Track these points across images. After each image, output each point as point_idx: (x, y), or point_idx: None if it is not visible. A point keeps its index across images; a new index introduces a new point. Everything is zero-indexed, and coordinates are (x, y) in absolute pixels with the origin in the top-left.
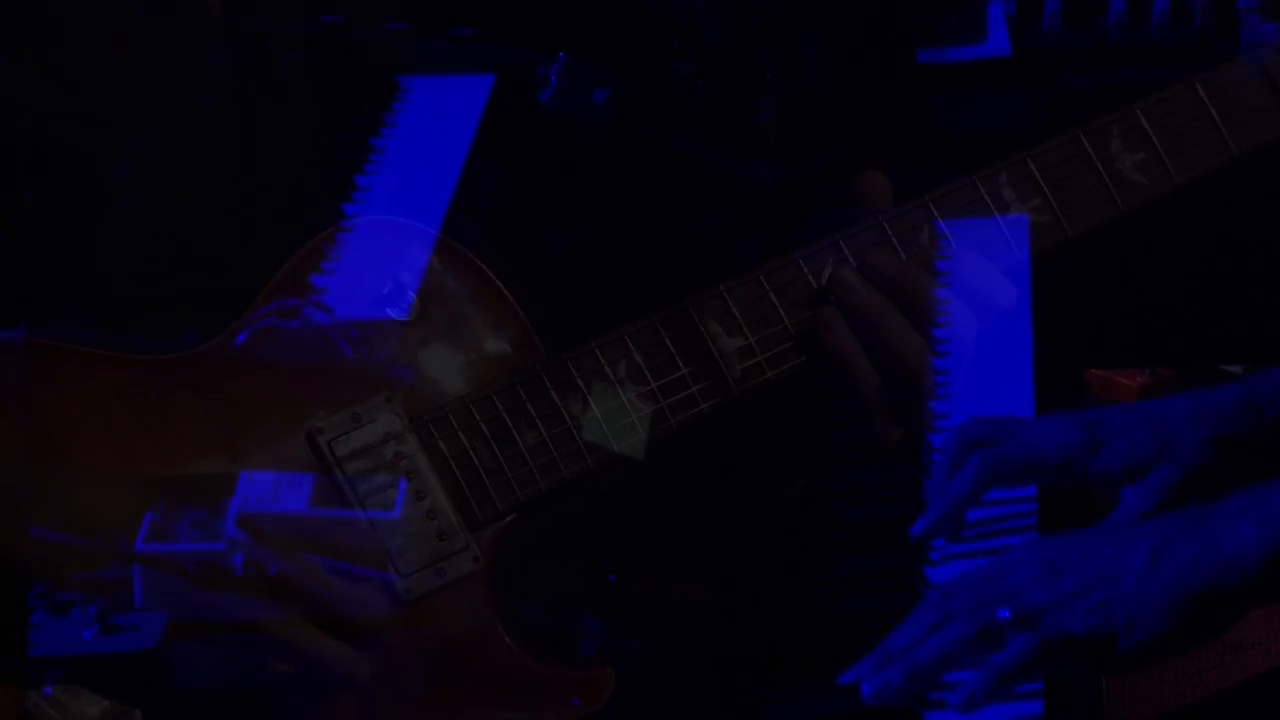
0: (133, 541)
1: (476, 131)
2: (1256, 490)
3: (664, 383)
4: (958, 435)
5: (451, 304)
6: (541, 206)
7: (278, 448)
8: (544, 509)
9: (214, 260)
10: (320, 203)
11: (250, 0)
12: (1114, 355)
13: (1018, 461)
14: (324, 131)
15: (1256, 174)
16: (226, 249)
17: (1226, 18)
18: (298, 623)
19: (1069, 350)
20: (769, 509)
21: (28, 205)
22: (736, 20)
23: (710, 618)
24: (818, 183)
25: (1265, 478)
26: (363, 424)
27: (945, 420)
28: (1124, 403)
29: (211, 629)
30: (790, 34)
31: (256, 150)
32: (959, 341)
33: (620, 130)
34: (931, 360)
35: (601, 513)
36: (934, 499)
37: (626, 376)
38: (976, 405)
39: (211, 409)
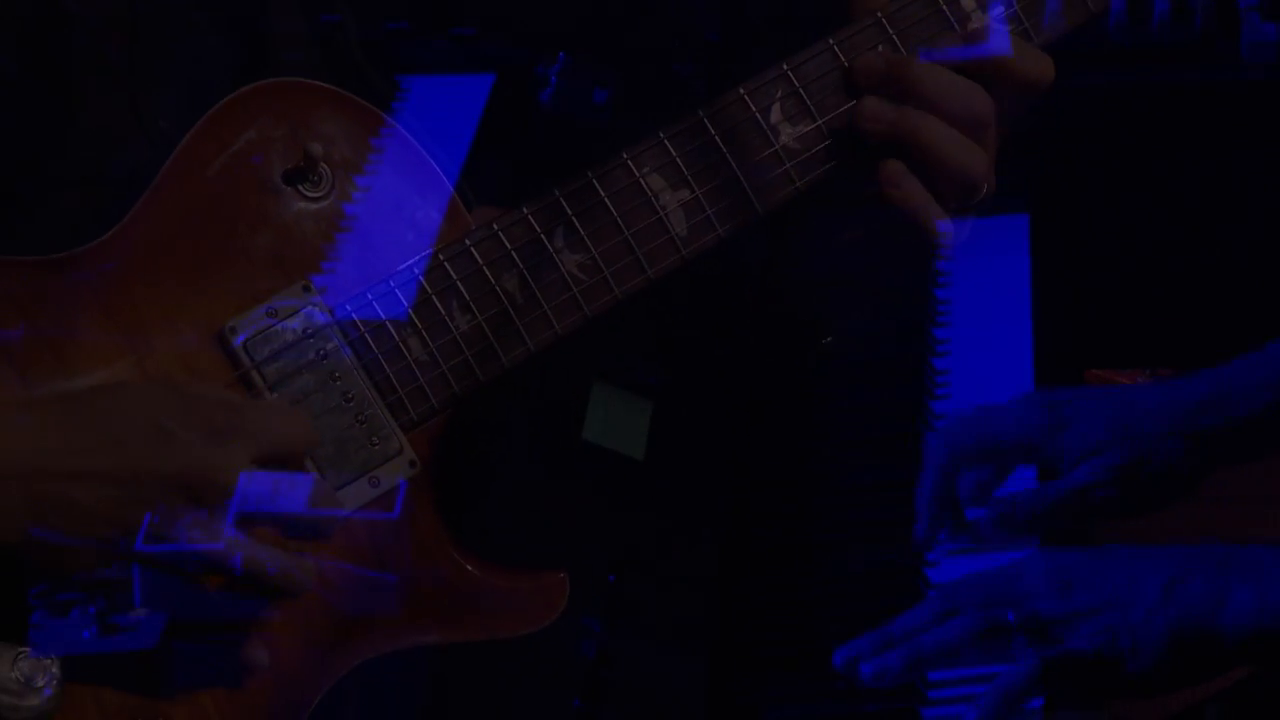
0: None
1: (476, 131)
2: (1271, 554)
3: (605, 248)
4: (933, 443)
5: (369, 175)
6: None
7: (189, 352)
8: (483, 402)
9: None
10: None
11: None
12: (1114, 355)
13: (974, 441)
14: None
15: (1257, 173)
16: None
17: (1227, 17)
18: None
19: (1069, 350)
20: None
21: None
22: (736, 20)
23: (710, 618)
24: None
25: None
26: (280, 319)
27: (946, 421)
28: (1096, 387)
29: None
30: (790, 34)
31: None
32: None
33: (620, 130)
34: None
35: (601, 514)
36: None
37: (564, 245)
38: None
39: (112, 311)
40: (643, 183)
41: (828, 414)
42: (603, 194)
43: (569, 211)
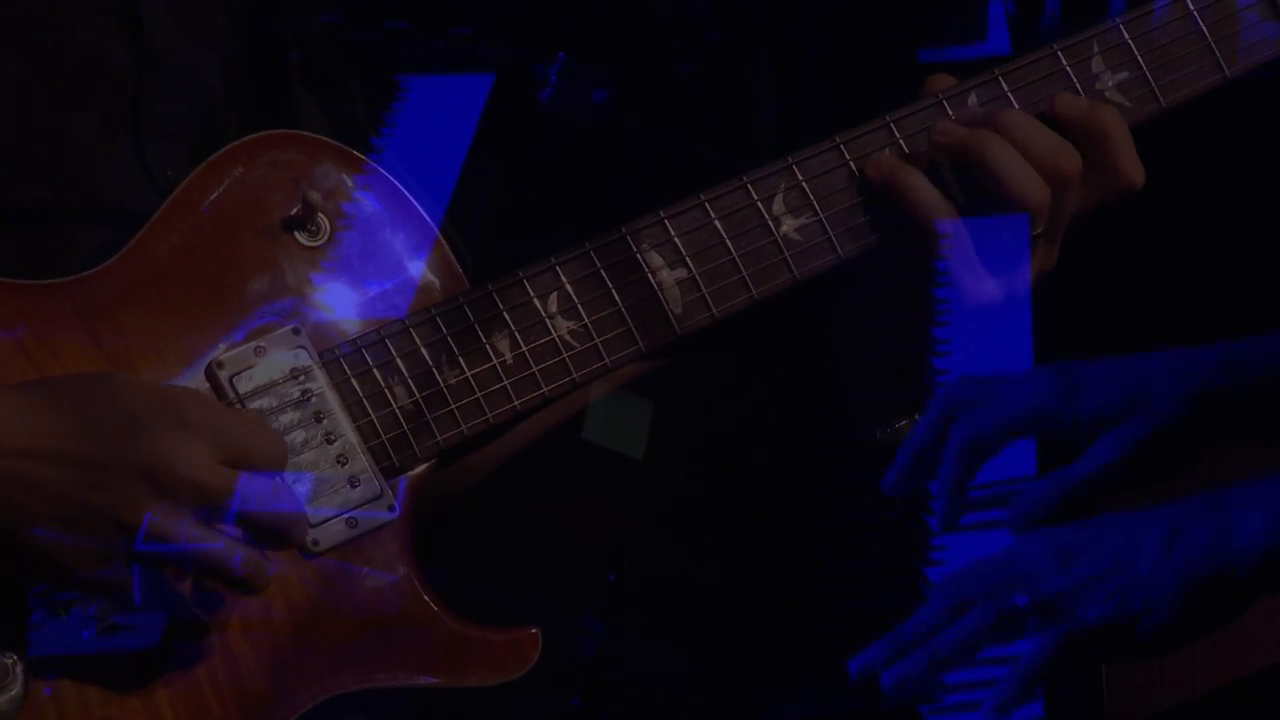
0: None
1: (476, 131)
2: (1267, 479)
3: (598, 318)
4: (939, 403)
5: (366, 227)
6: (541, 206)
7: (175, 383)
8: (467, 455)
9: None
10: None
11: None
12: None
13: (995, 424)
14: (324, 131)
15: (1257, 173)
16: None
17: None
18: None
19: (1069, 349)
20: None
21: None
22: (736, 20)
23: (710, 618)
24: None
25: (1242, 438)
26: (266, 357)
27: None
28: (1105, 358)
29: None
30: (790, 34)
31: None
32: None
33: (620, 130)
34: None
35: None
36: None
37: (558, 310)
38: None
39: (101, 340)
40: (640, 258)
41: (828, 414)
42: (598, 265)
43: (563, 279)
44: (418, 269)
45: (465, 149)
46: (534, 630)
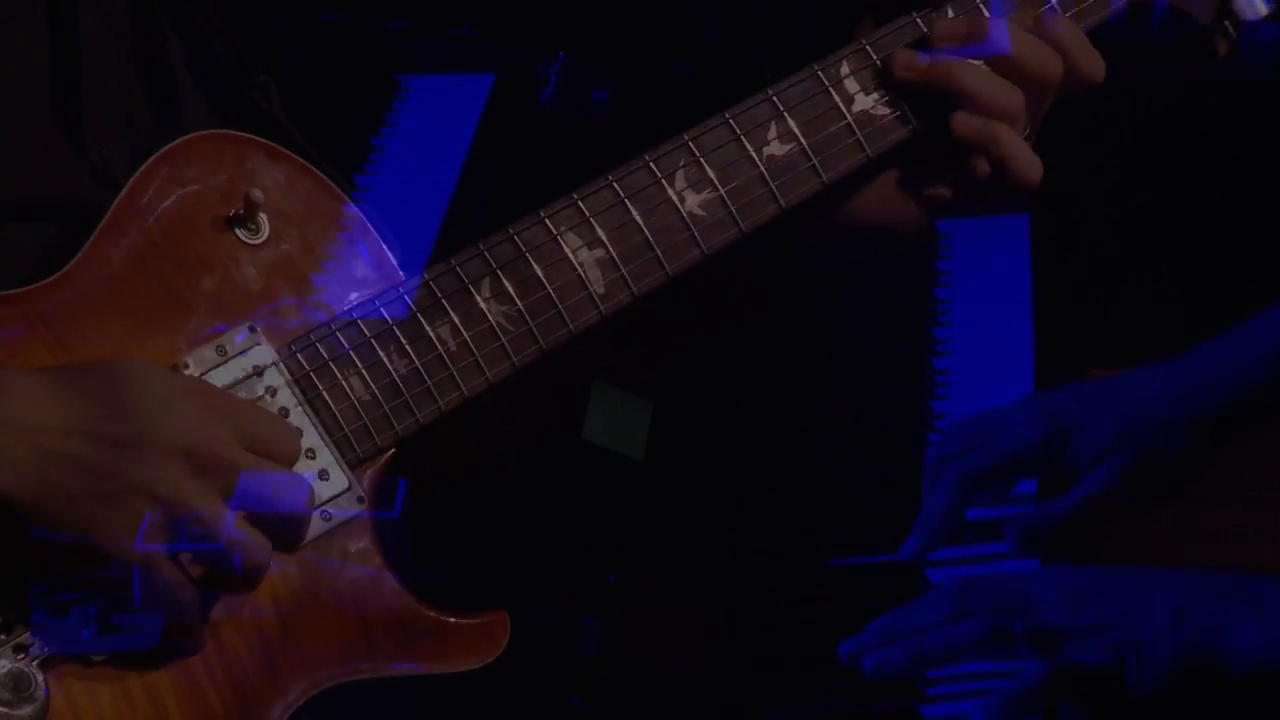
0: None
1: (476, 131)
2: (1274, 582)
3: (530, 302)
4: (933, 451)
5: (303, 223)
6: (541, 206)
7: None
8: (427, 442)
9: None
10: None
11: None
12: (1114, 355)
13: (989, 466)
14: (324, 131)
15: (1257, 173)
16: None
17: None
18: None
19: (1069, 350)
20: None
21: None
22: (736, 20)
23: (709, 617)
24: None
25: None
26: (229, 357)
27: (945, 420)
28: (1091, 383)
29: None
30: (790, 34)
31: None
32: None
33: (620, 130)
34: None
35: (601, 514)
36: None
37: (491, 295)
38: (977, 404)
39: (68, 346)
40: (561, 242)
41: (828, 414)
42: (523, 249)
43: (494, 264)
44: (358, 261)
45: (465, 149)
46: (502, 613)
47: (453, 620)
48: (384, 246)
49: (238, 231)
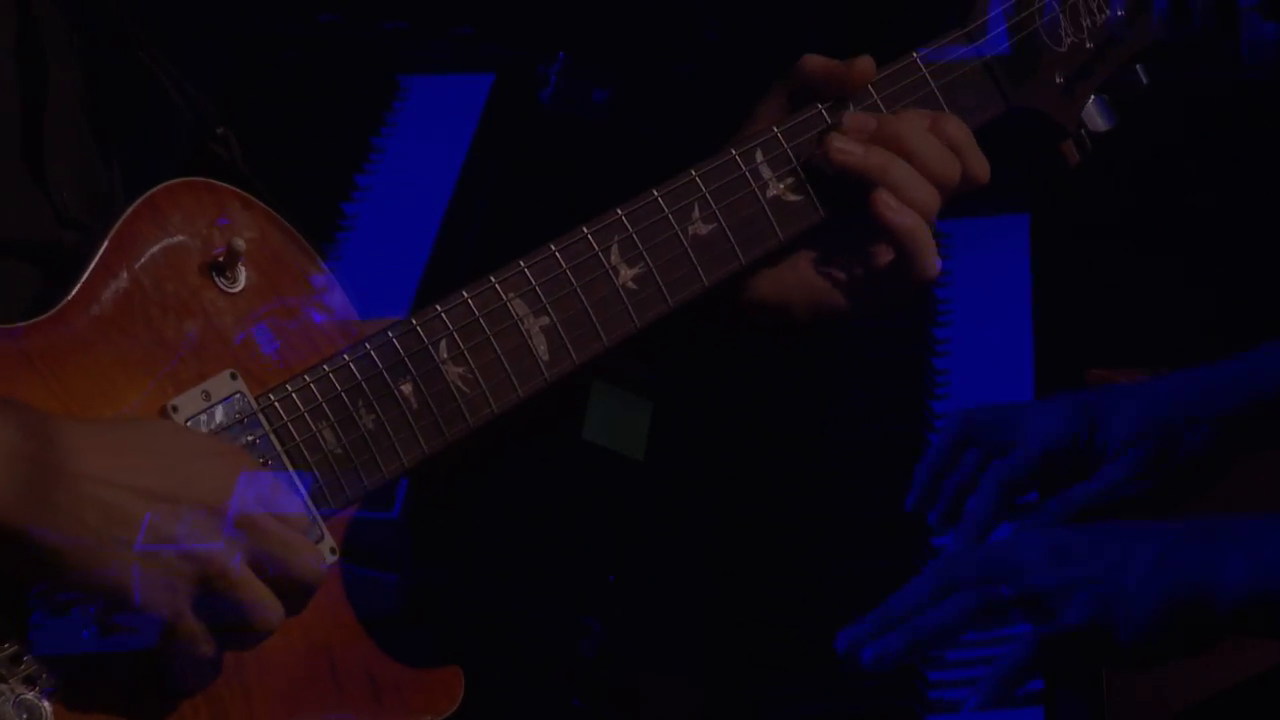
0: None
1: (476, 131)
2: (1263, 522)
3: (483, 364)
4: (956, 425)
5: (277, 274)
6: (541, 206)
7: None
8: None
9: None
10: (321, 203)
11: (250, 0)
12: (1114, 355)
13: (1029, 465)
14: (324, 131)
15: (1257, 173)
16: None
17: (1227, 17)
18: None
19: (1069, 350)
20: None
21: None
22: (736, 20)
23: (709, 617)
24: None
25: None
26: (213, 402)
27: (945, 421)
28: (1120, 383)
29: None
30: (790, 34)
31: (256, 150)
32: None
33: (620, 130)
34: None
35: (601, 514)
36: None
37: (448, 357)
38: (976, 404)
39: (62, 385)
40: (509, 306)
41: (828, 414)
42: (476, 312)
43: (450, 326)
44: (325, 314)
45: (465, 149)
46: (455, 669)
47: (415, 674)
48: (346, 298)
49: (216, 279)
